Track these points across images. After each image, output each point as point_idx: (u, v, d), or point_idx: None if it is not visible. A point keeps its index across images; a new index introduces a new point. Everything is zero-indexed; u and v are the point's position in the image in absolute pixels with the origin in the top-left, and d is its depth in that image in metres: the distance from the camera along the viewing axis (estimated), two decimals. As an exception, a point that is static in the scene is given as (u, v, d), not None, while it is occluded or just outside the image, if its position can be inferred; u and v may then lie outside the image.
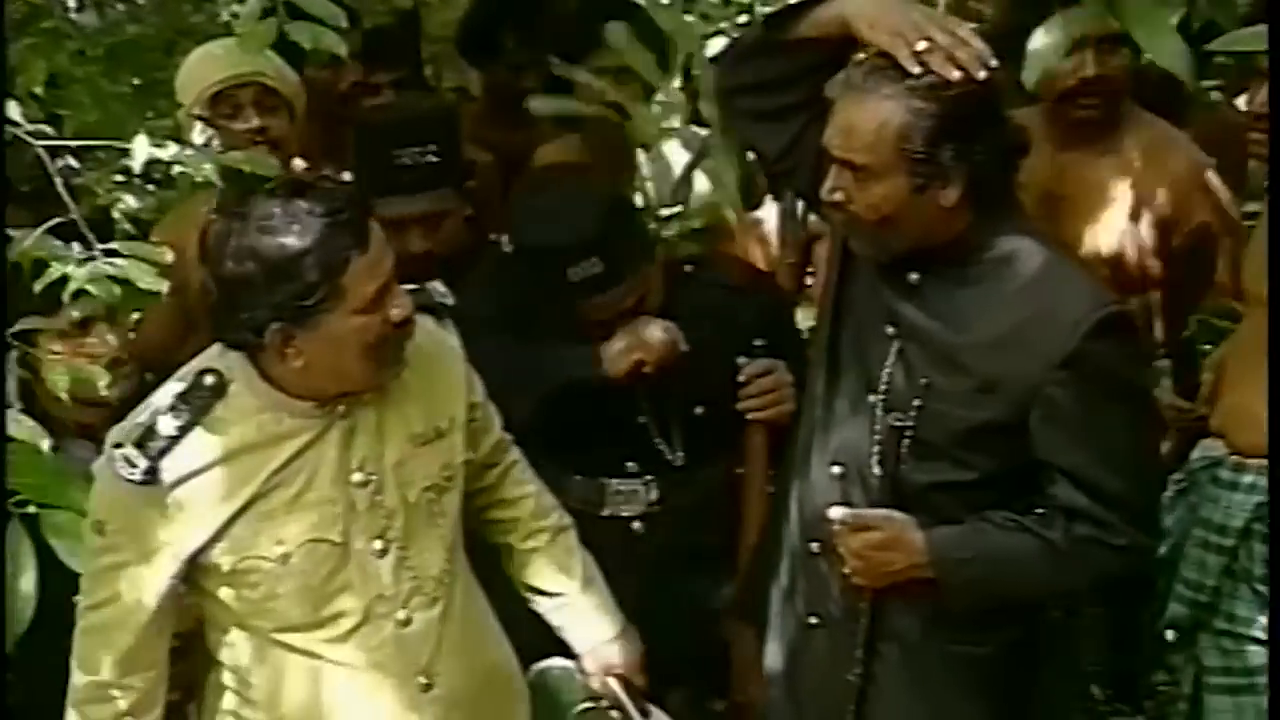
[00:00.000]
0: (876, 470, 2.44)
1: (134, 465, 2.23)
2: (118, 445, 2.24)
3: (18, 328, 2.21)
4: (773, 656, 2.65)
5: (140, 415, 2.28)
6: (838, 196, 2.35)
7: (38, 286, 2.19)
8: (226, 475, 2.27)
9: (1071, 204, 3.22)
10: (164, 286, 2.08)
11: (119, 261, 2.19)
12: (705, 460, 2.95)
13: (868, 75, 2.31)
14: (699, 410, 2.91)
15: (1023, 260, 2.37)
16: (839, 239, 2.54)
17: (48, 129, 2.28)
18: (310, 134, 3.51)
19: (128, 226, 3.72)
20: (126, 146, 2.58)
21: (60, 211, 2.32)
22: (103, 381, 2.24)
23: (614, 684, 2.58)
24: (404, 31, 4.13)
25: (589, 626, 2.60)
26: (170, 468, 2.24)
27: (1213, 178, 3.23)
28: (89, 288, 2.23)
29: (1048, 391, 2.32)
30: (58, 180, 2.21)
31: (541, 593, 2.61)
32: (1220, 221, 3.22)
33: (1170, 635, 2.83)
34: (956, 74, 2.24)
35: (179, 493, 2.25)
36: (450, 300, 2.56)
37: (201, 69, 3.31)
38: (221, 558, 2.28)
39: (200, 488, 2.26)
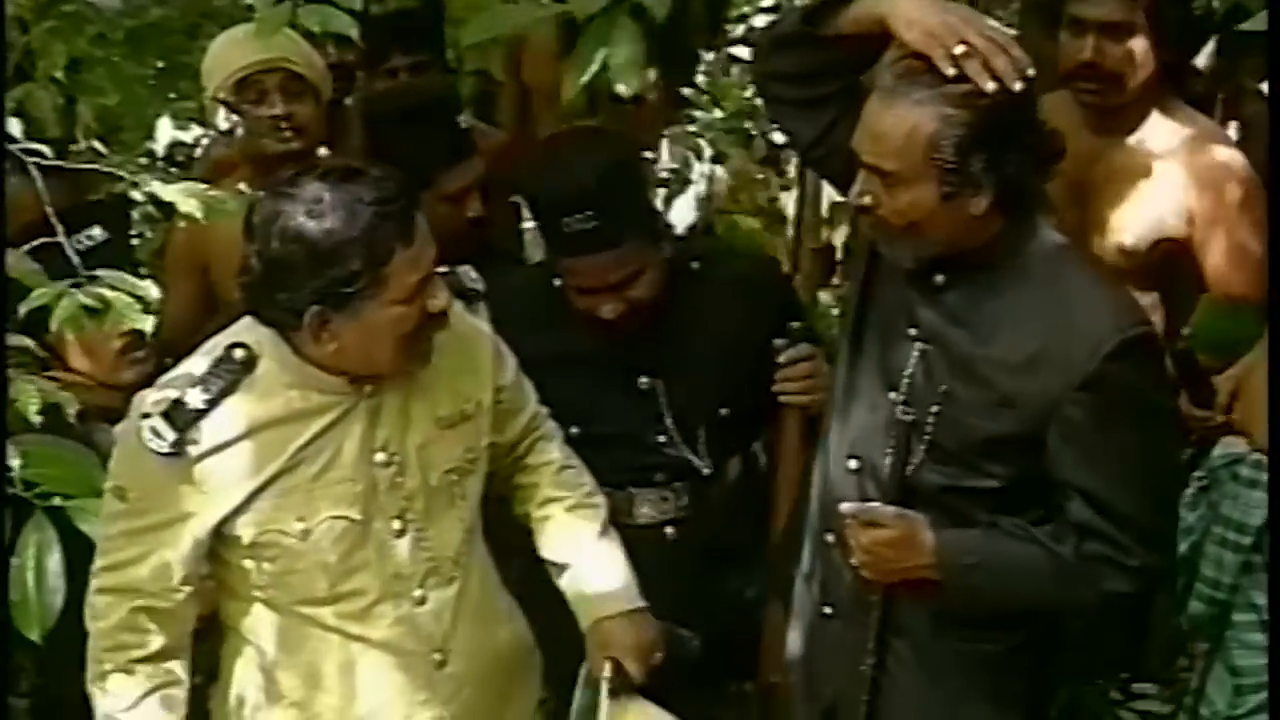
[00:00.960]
0: (892, 467, 2.43)
1: (162, 437, 2.24)
2: (145, 416, 2.25)
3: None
4: (793, 642, 2.66)
5: (169, 386, 2.29)
6: (866, 200, 2.33)
7: (22, 309, 2.20)
8: (252, 450, 2.29)
9: (1099, 191, 3.20)
10: (149, 324, 2.08)
11: (106, 292, 2.20)
12: (729, 459, 2.94)
13: (899, 79, 2.27)
14: (724, 412, 2.89)
15: (1049, 272, 2.35)
16: (867, 238, 2.52)
17: (45, 149, 2.28)
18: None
19: (150, 209, 3.75)
20: (117, 173, 2.59)
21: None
22: (72, 409, 2.24)
23: (604, 664, 2.52)
24: (425, 14, 4.14)
25: (590, 601, 2.56)
26: (197, 440, 2.25)
27: (1241, 173, 3.16)
28: (67, 323, 2.24)
29: (1066, 411, 2.30)
30: (46, 201, 2.20)
31: (552, 563, 2.60)
32: (1239, 219, 3.14)
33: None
34: (991, 85, 2.20)
35: (205, 465, 2.27)
36: (481, 285, 2.55)
37: (227, 54, 3.30)
38: (244, 530, 2.30)
39: (226, 461, 2.28)
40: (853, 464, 2.49)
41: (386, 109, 3.34)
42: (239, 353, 2.29)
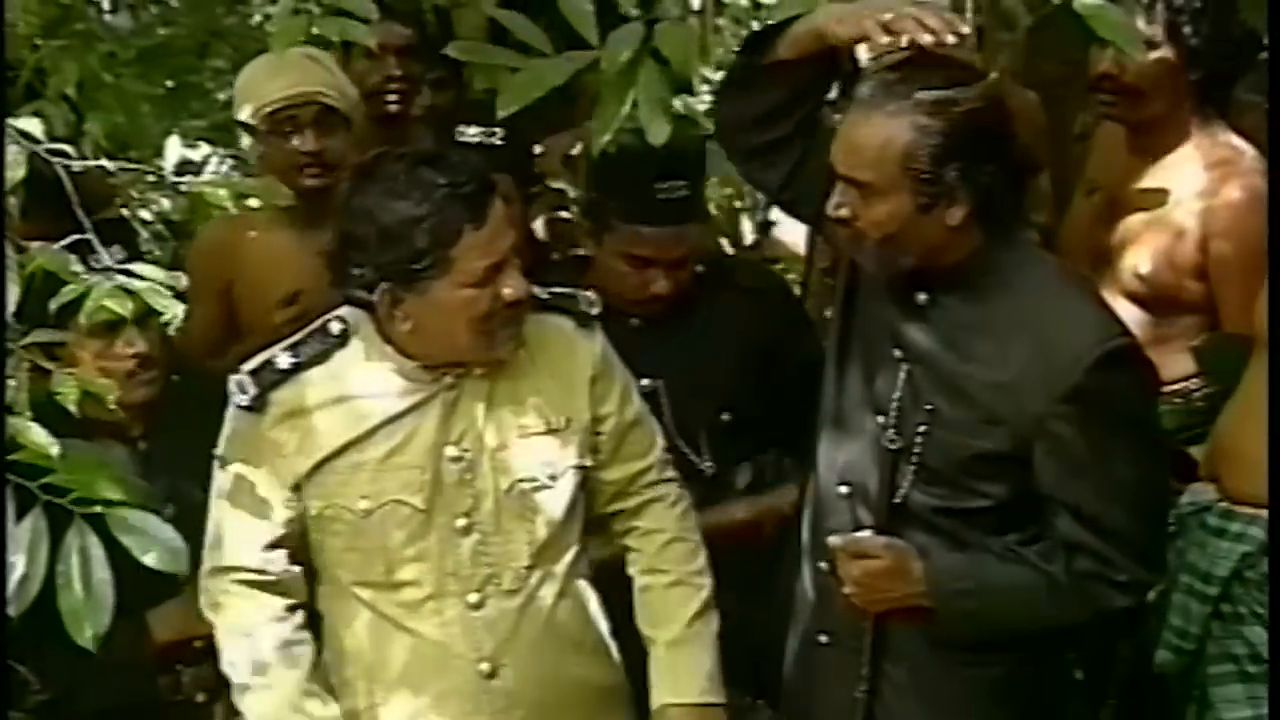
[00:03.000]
0: (880, 492, 2.43)
1: (245, 391, 2.36)
2: (236, 374, 2.38)
3: (29, 340, 2.19)
4: (788, 669, 2.65)
5: (267, 351, 2.41)
6: (842, 213, 2.34)
7: (54, 304, 2.18)
8: (327, 419, 2.36)
9: (1127, 212, 3.16)
10: (179, 310, 2.08)
11: (135, 283, 2.18)
12: (736, 465, 2.91)
13: (874, 91, 2.30)
14: (725, 417, 2.88)
15: (1031, 286, 2.36)
16: (846, 257, 2.53)
17: (68, 148, 2.26)
18: None
19: (160, 228, 3.73)
20: (147, 169, 2.62)
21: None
22: (111, 396, 2.24)
23: None
24: (441, 31, 4.13)
25: (664, 683, 2.53)
26: (278, 399, 2.36)
27: (1258, 209, 3.07)
28: (109, 303, 2.21)
29: (1051, 425, 2.31)
30: (75, 201, 2.19)
31: (644, 635, 2.56)
32: (1248, 258, 3.03)
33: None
34: (927, 37, 2.23)
35: (282, 426, 2.35)
36: (596, 310, 2.53)
37: (261, 84, 3.24)
38: (312, 501, 2.37)
39: (301, 425, 2.35)
40: (843, 489, 2.50)
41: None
42: (335, 325, 2.39)
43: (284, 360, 2.36)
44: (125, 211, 3.48)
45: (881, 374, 2.44)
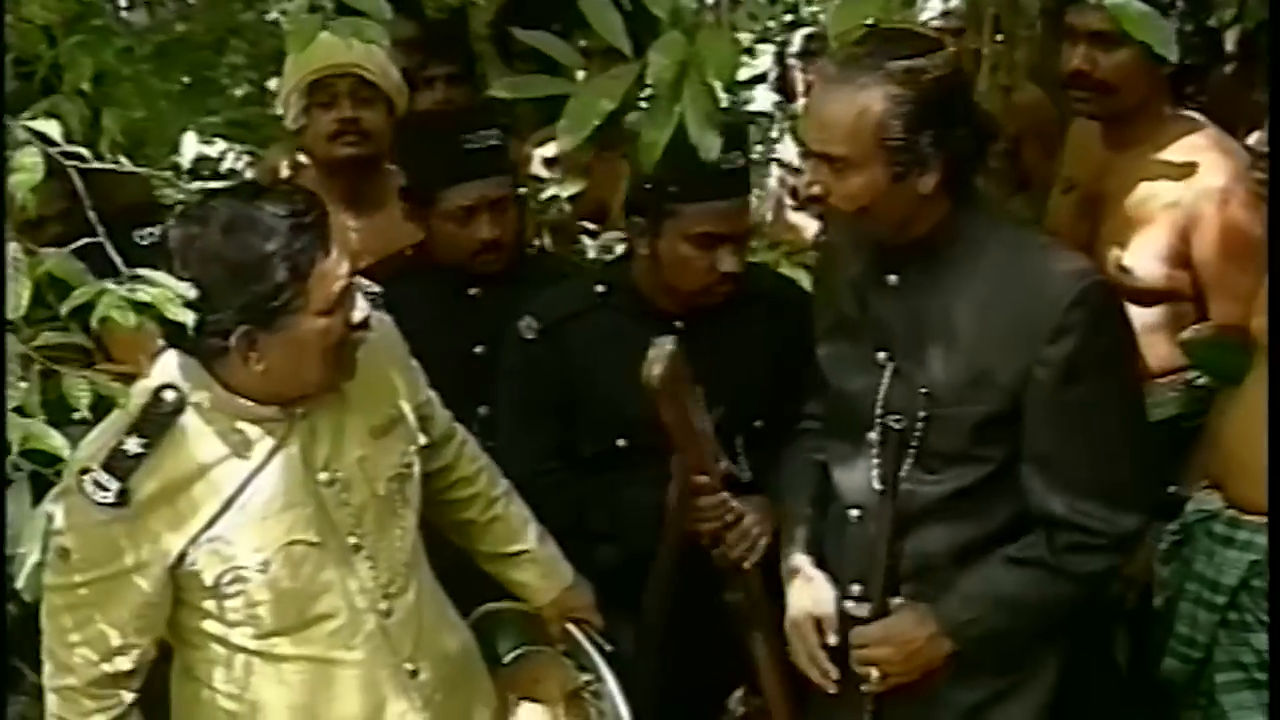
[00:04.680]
0: (884, 499, 2.44)
1: (105, 488, 2.24)
2: (84, 471, 2.24)
3: (39, 342, 2.20)
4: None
5: (101, 437, 2.28)
6: (815, 190, 2.37)
7: (64, 309, 2.19)
8: (198, 489, 2.29)
9: (1108, 205, 3.17)
10: (190, 318, 2.08)
11: (148, 289, 2.18)
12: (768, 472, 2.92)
13: (841, 65, 2.32)
14: (758, 424, 2.90)
15: (1001, 246, 2.40)
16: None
17: (84, 151, 2.26)
18: None
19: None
20: (160, 169, 2.61)
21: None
22: (123, 401, 2.22)
23: (573, 628, 2.70)
24: (456, 27, 4.15)
25: (550, 577, 2.71)
26: (141, 486, 2.25)
27: (1239, 195, 3.07)
28: (114, 314, 2.21)
29: (1037, 373, 2.33)
30: (88, 204, 2.19)
31: (504, 555, 2.68)
32: (1230, 245, 3.05)
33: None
34: None
35: (152, 511, 2.27)
36: (377, 289, 2.54)
37: (305, 56, 3.29)
38: (204, 571, 2.31)
39: (173, 503, 2.28)
40: (854, 514, 2.51)
41: (406, 120, 3.40)
42: (169, 394, 2.29)
43: (133, 445, 2.25)
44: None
45: (866, 384, 2.46)
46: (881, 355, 2.45)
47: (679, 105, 2.20)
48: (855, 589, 2.50)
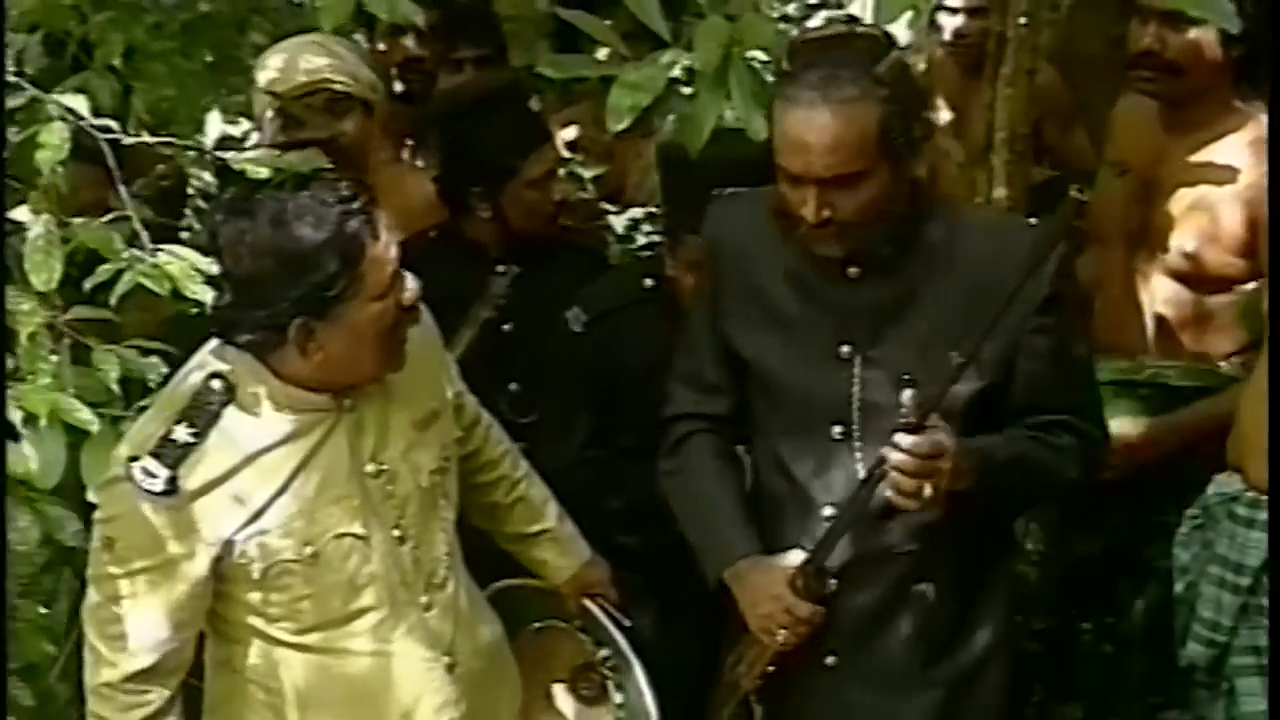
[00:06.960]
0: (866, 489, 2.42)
1: (154, 476, 2.22)
2: (132, 459, 2.23)
3: (69, 317, 2.20)
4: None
5: (149, 425, 2.27)
6: (825, 214, 2.34)
7: (88, 284, 2.19)
8: (246, 479, 2.28)
9: (1165, 190, 3.16)
10: (209, 296, 2.08)
11: (172, 264, 2.19)
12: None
13: (816, 87, 2.30)
14: None
15: (954, 217, 2.46)
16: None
17: (113, 124, 2.26)
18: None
19: (200, 203, 3.73)
20: (187, 144, 2.62)
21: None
22: (152, 375, 2.23)
23: (590, 604, 2.75)
24: (483, 8, 4.14)
25: (569, 554, 2.73)
26: (189, 475, 2.24)
27: None
28: (145, 281, 2.22)
29: (1028, 326, 2.38)
30: (118, 177, 2.19)
31: (525, 535, 2.70)
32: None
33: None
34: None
35: (200, 500, 2.26)
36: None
37: (265, 78, 3.23)
38: (251, 563, 2.29)
39: (221, 493, 2.27)
40: (828, 512, 2.49)
41: (462, 101, 3.34)
42: (217, 383, 2.27)
43: (183, 434, 2.23)
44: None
45: (831, 385, 2.45)
46: (845, 349, 2.43)
47: (725, 88, 2.20)
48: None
